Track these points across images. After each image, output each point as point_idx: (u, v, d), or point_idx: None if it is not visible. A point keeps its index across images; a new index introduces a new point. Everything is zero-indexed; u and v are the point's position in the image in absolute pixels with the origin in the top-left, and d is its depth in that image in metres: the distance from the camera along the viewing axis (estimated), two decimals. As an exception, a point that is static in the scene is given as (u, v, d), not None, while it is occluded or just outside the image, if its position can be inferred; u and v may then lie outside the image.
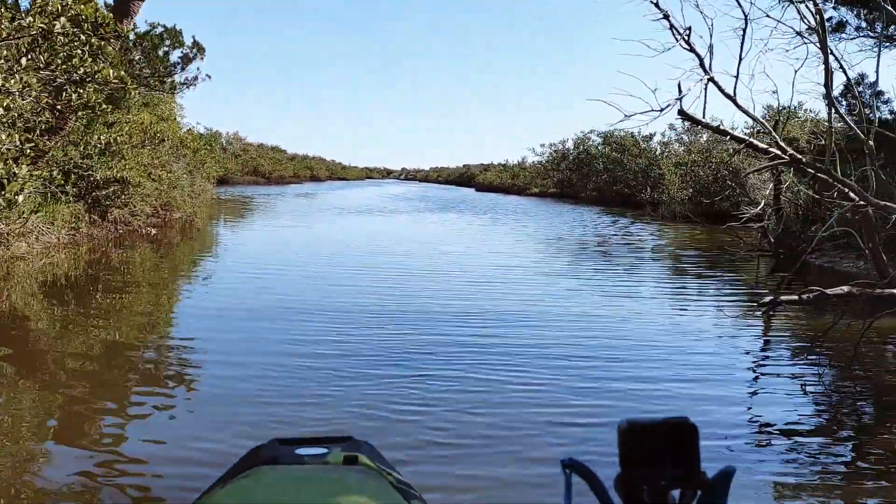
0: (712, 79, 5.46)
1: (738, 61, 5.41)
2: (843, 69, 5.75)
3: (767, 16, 5.64)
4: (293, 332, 6.40)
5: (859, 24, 12.69)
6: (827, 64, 5.32)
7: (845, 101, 11.82)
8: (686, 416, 0.84)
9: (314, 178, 74.57)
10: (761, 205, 7.93)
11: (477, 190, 55.97)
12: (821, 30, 5.29)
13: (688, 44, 5.46)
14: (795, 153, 5.66)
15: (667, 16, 5.44)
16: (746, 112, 5.59)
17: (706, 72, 5.43)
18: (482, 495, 3.35)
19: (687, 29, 5.48)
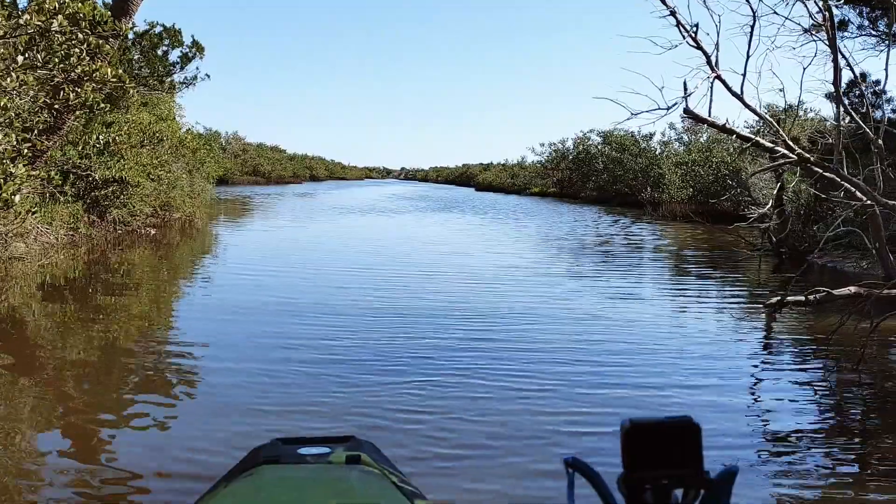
0: (719, 76, 5.39)
1: (746, 59, 5.36)
2: (851, 67, 5.69)
3: (775, 12, 5.58)
4: (292, 335, 6.32)
5: (861, 23, 12.66)
6: (836, 62, 5.26)
7: (847, 100, 11.78)
8: (689, 416, 0.83)
9: (314, 178, 74.59)
10: (769, 204, 7.86)
11: (477, 189, 55.97)
12: (830, 27, 5.22)
13: (695, 41, 5.40)
14: (803, 152, 5.59)
15: (674, 12, 5.37)
16: (754, 111, 5.53)
17: (713, 69, 5.36)
18: (483, 498, 3.28)
19: (694, 26, 5.41)
